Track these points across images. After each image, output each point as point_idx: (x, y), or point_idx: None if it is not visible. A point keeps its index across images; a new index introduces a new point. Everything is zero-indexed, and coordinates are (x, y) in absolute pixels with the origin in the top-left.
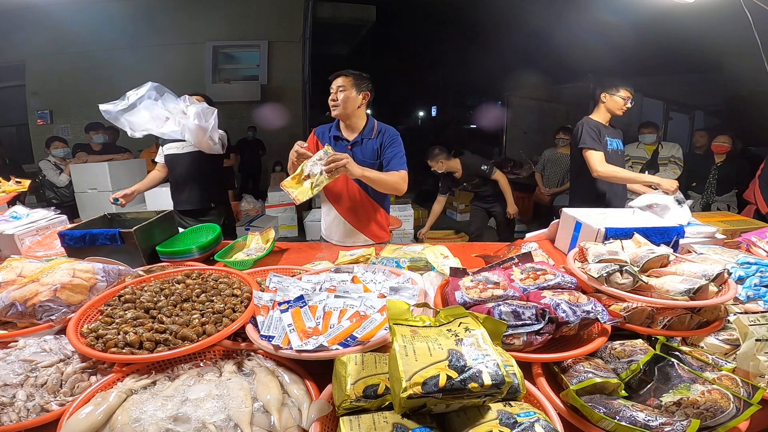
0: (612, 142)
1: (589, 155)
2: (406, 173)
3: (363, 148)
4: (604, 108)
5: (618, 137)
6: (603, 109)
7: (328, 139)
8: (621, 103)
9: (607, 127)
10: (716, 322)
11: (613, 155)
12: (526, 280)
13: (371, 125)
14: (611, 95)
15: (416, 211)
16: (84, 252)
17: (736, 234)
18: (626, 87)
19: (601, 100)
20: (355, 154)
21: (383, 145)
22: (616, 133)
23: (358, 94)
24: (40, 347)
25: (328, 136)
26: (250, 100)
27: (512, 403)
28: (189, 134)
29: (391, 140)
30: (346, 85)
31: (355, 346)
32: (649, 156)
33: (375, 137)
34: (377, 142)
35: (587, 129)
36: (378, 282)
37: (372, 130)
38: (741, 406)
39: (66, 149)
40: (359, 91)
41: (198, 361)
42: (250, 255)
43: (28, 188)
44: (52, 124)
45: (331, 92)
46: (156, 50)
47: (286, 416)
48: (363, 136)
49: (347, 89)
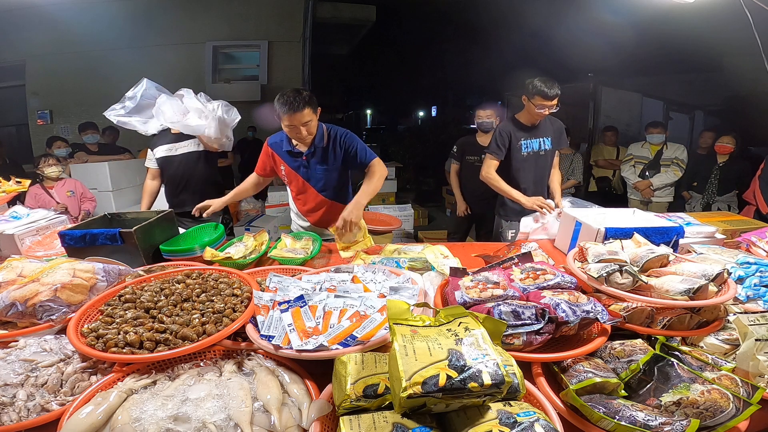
0: (530, 143)
1: (485, 159)
2: (378, 159)
3: (318, 156)
4: (526, 109)
5: (542, 136)
6: (525, 110)
7: (283, 155)
8: (533, 109)
9: (529, 129)
10: (716, 322)
11: (530, 157)
12: (526, 280)
13: (320, 132)
14: (528, 100)
15: (416, 211)
16: (84, 252)
17: (736, 234)
18: (543, 93)
19: (523, 102)
20: (311, 165)
21: (342, 149)
22: (542, 131)
23: (316, 116)
24: (40, 347)
25: (283, 151)
26: (250, 100)
27: (512, 403)
28: (210, 129)
29: (347, 143)
30: (311, 117)
31: (355, 346)
32: (652, 156)
33: (327, 143)
34: (331, 148)
35: (497, 135)
36: (378, 282)
37: (322, 137)
38: (741, 406)
39: (67, 149)
40: (316, 112)
41: (198, 361)
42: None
43: (28, 188)
44: (52, 124)
45: (292, 127)
46: (156, 50)
47: (286, 416)
48: (315, 146)
49: (312, 119)
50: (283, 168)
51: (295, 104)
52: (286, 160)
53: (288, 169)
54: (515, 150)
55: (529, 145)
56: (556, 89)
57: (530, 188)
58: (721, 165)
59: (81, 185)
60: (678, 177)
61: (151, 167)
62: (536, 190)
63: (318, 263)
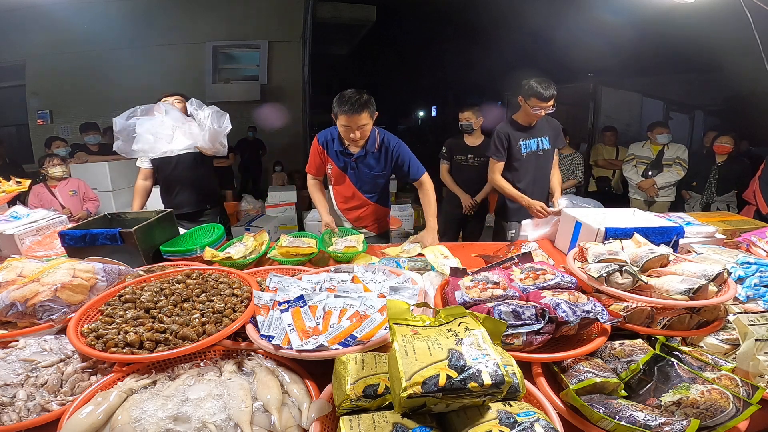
0: (529, 143)
1: (490, 163)
2: (426, 174)
3: (368, 160)
4: (522, 110)
5: (539, 136)
6: (522, 111)
7: (332, 154)
8: (529, 110)
9: (526, 129)
10: (716, 322)
11: (528, 157)
12: (526, 279)
13: (373, 137)
14: (524, 101)
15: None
16: (84, 252)
17: (735, 234)
18: (539, 95)
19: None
20: (360, 168)
21: (393, 160)
22: (540, 131)
23: (372, 120)
24: (40, 347)
25: (333, 150)
26: (250, 100)
27: (512, 403)
28: (203, 141)
29: (397, 154)
30: (367, 121)
31: (355, 346)
32: (653, 156)
33: (378, 149)
34: (382, 155)
35: (495, 138)
36: (378, 282)
37: (375, 142)
38: (741, 406)
39: (67, 149)
40: (373, 116)
41: (198, 361)
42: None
43: (28, 188)
44: (52, 124)
45: (348, 128)
46: (156, 50)
47: (286, 416)
48: (366, 150)
49: (368, 123)
50: (329, 167)
51: (355, 106)
52: (335, 159)
53: (335, 169)
54: (514, 151)
55: (527, 145)
56: (552, 90)
57: (530, 188)
58: (720, 165)
59: (84, 185)
60: (681, 176)
61: (144, 167)
62: (536, 190)
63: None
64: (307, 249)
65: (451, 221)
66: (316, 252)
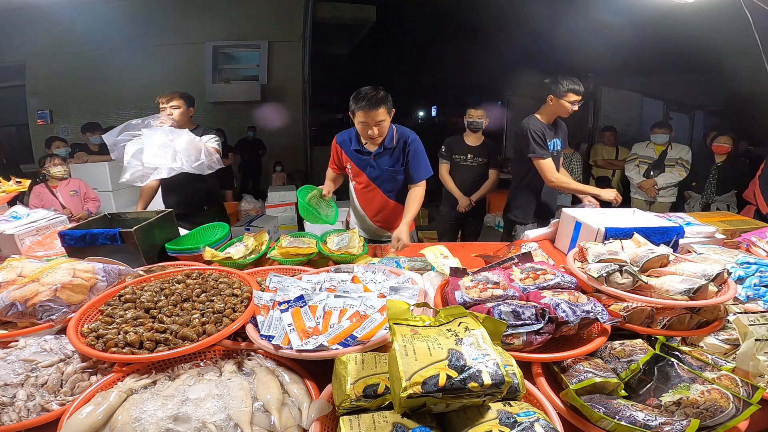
0: (553, 143)
1: (541, 164)
2: (423, 183)
3: (386, 158)
4: (550, 109)
5: (558, 137)
6: (548, 110)
7: (350, 153)
8: (568, 107)
9: (550, 128)
10: (716, 322)
11: (553, 157)
12: (526, 279)
13: (390, 133)
14: (558, 99)
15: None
16: (84, 252)
17: (735, 234)
18: (575, 90)
19: (548, 102)
20: (379, 164)
21: (407, 155)
22: (558, 131)
23: (390, 117)
24: (40, 347)
25: (351, 149)
26: (250, 100)
27: (512, 403)
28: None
29: (413, 151)
30: (385, 117)
31: (355, 346)
32: (656, 156)
33: (396, 146)
34: (398, 151)
35: (533, 135)
36: (378, 282)
37: (392, 138)
38: (741, 406)
39: (67, 149)
40: (390, 113)
41: (198, 361)
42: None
43: (28, 188)
44: (52, 124)
45: (365, 125)
46: (156, 50)
47: (286, 416)
48: (384, 146)
49: (386, 119)
50: (349, 166)
51: (372, 101)
52: (353, 158)
53: (354, 168)
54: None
55: (552, 144)
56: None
57: (546, 188)
58: (719, 165)
59: (85, 185)
60: (682, 177)
61: None
62: (549, 189)
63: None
64: (307, 249)
65: (450, 221)
66: (315, 252)
